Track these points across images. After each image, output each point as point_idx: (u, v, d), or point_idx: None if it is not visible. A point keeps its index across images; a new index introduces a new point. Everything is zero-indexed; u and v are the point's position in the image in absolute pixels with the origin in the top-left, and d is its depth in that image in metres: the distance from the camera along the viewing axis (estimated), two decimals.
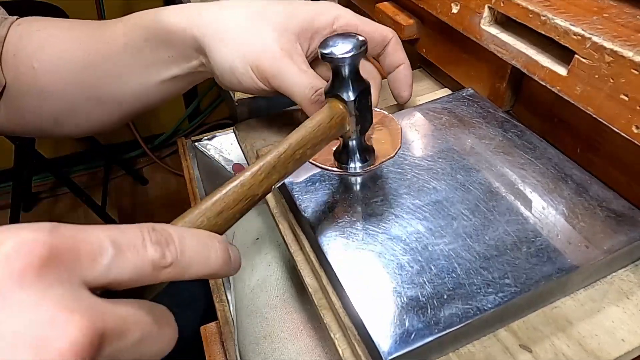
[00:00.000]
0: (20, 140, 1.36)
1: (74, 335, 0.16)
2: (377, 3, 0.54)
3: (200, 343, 0.50)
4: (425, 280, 0.28)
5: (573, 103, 0.32)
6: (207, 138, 0.74)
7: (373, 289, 0.28)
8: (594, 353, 0.26)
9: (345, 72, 0.32)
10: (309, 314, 0.46)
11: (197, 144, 0.73)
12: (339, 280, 0.29)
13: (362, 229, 0.31)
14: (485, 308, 0.26)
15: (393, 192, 0.34)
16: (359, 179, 0.36)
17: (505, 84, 0.42)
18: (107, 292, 0.19)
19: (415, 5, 0.47)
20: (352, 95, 0.32)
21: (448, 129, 0.39)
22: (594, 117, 0.30)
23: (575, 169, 0.34)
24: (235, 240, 0.56)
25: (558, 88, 0.32)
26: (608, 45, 0.28)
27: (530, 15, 0.33)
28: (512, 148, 0.36)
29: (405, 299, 0.27)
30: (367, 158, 0.35)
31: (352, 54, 0.31)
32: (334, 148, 0.37)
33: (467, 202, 0.32)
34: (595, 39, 0.29)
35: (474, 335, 0.27)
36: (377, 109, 0.39)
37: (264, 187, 0.27)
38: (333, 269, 0.30)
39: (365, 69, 0.39)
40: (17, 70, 0.40)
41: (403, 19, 0.50)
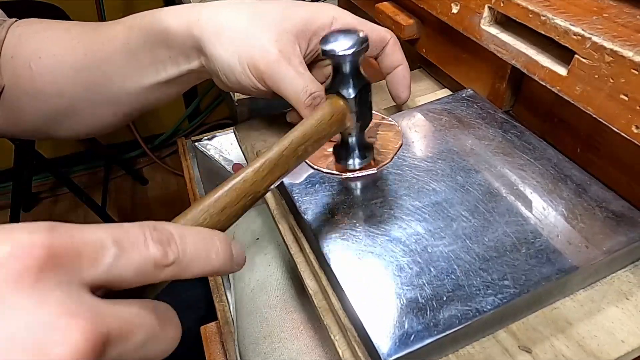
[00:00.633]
0: (20, 140, 1.36)
1: (76, 341, 0.16)
2: (377, 3, 0.54)
3: (200, 343, 0.50)
4: (425, 282, 0.28)
5: (573, 103, 0.32)
6: (207, 138, 0.74)
7: (373, 291, 0.28)
8: (594, 354, 0.26)
9: (346, 68, 0.32)
10: (309, 314, 0.46)
11: (197, 144, 0.73)
12: (339, 282, 0.29)
13: (361, 231, 0.31)
14: (485, 309, 0.26)
15: (393, 193, 0.34)
16: (360, 180, 0.36)
17: (505, 84, 0.42)
18: (108, 292, 0.19)
19: (415, 5, 0.47)
20: (352, 92, 0.32)
21: (448, 130, 0.39)
22: (594, 117, 0.30)
23: (575, 170, 0.34)
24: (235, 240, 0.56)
25: (558, 88, 0.32)
26: (608, 45, 0.28)
27: (530, 15, 0.33)
28: (511, 149, 0.36)
29: (405, 301, 0.27)
30: (366, 155, 0.36)
31: (353, 51, 0.30)
32: (332, 145, 0.37)
33: (466, 203, 0.32)
34: (595, 39, 0.28)
35: (474, 337, 0.27)
36: (376, 112, 0.39)
37: (266, 183, 0.27)
38: (333, 271, 0.29)
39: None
40: (15, 72, 0.40)
41: (403, 19, 0.50)
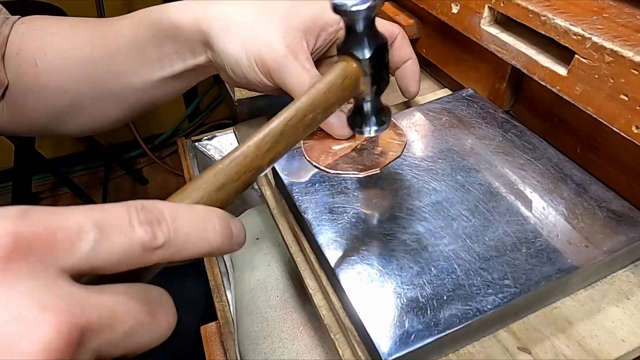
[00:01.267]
0: (20, 140, 1.36)
1: (47, 334, 0.15)
2: None
3: (200, 343, 0.50)
4: (425, 281, 0.28)
5: (573, 103, 0.32)
6: (207, 138, 0.74)
7: (373, 290, 0.28)
8: (594, 353, 0.26)
9: (360, 26, 0.28)
10: (309, 314, 0.46)
11: (197, 144, 0.73)
12: (339, 281, 0.29)
13: (362, 230, 0.31)
14: (485, 309, 0.26)
15: (393, 192, 0.34)
16: (359, 180, 0.36)
17: (505, 84, 0.42)
18: (96, 278, 0.18)
19: (415, 5, 0.47)
20: (367, 53, 0.29)
21: (448, 130, 0.39)
22: (594, 117, 0.30)
23: (575, 170, 0.34)
24: None
25: (558, 88, 0.32)
26: (608, 45, 0.28)
27: (530, 15, 0.33)
28: (512, 148, 0.36)
29: (405, 300, 0.27)
30: (383, 120, 0.33)
31: (367, 5, 0.27)
32: (337, 147, 0.36)
33: (467, 202, 0.32)
34: (595, 39, 0.29)
35: (474, 336, 0.27)
36: None
37: (270, 156, 0.25)
38: (333, 270, 0.29)
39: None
40: (19, 69, 0.40)
41: (403, 19, 0.50)
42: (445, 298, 0.27)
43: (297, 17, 0.37)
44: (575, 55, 0.30)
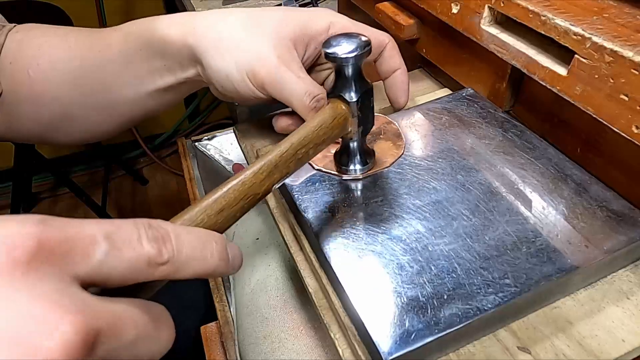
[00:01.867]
0: None
1: (66, 334, 0.15)
2: (377, 3, 0.54)
3: (200, 343, 0.50)
4: (425, 281, 0.28)
5: (573, 103, 0.32)
6: (207, 138, 0.74)
7: (373, 289, 0.28)
8: (594, 353, 0.26)
9: (349, 72, 0.32)
10: (309, 314, 0.46)
11: (197, 144, 0.73)
12: (339, 281, 0.29)
13: (362, 229, 0.31)
14: (486, 308, 0.26)
15: (393, 192, 0.34)
16: (359, 179, 0.36)
17: (505, 84, 0.42)
18: (101, 291, 0.19)
19: (415, 5, 0.47)
20: (354, 96, 0.32)
21: (448, 129, 0.39)
22: (594, 117, 0.30)
23: (575, 169, 0.34)
24: (235, 240, 0.56)
25: (558, 88, 0.32)
26: (608, 45, 0.28)
27: (530, 15, 0.33)
28: (512, 148, 0.36)
29: (406, 299, 0.27)
30: (367, 161, 0.35)
31: (355, 54, 0.31)
32: (334, 150, 0.37)
33: (467, 202, 0.32)
34: (595, 39, 0.29)
35: (474, 336, 0.27)
36: (377, 113, 0.39)
37: (265, 186, 0.27)
38: (333, 269, 0.30)
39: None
40: (13, 78, 0.40)
41: (403, 19, 0.50)
42: (446, 297, 0.27)
43: (286, 26, 0.37)
44: (575, 55, 0.30)
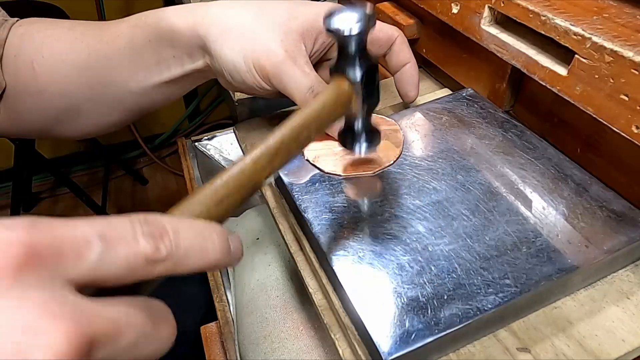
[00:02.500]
0: (20, 140, 1.36)
1: (58, 343, 0.15)
2: (377, 3, 0.54)
3: (200, 343, 0.50)
4: (426, 281, 0.28)
5: (573, 103, 0.32)
6: (207, 138, 0.74)
7: (373, 289, 0.28)
8: (594, 353, 0.26)
9: (352, 48, 0.29)
10: (309, 314, 0.46)
11: (197, 144, 0.73)
12: (339, 281, 0.29)
13: (362, 229, 0.31)
14: (486, 308, 0.26)
15: (393, 192, 0.34)
16: (359, 179, 0.36)
17: (505, 84, 0.42)
18: (98, 291, 0.18)
19: (415, 5, 0.47)
20: (358, 74, 0.30)
21: (448, 129, 0.39)
22: (594, 117, 0.30)
23: (575, 169, 0.34)
24: None
25: (558, 88, 0.32)
26: (608, 45, 0.28)
27: (530, 15, 0.33)
28: (512, 148, 0.36)
29: (406, 300, 0.27)
30: (372, 140, 0.34)
31: (359, 30, 0.28)
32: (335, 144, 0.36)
33: (467, 202, 0.32)
34: (595, 39, 0.29)
35: (474, 336, 0.27)
36: (375, 114, 0.39)
37: (267, 172, 0.26)
38: (333, 269, 0.30)
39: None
40: (17, 72, 0.40)
41: (403, 19, 0.50)
42: (446, 297, 0.27)
43: (295, 20, 0.37)
44: (575, 55, 0.30)
